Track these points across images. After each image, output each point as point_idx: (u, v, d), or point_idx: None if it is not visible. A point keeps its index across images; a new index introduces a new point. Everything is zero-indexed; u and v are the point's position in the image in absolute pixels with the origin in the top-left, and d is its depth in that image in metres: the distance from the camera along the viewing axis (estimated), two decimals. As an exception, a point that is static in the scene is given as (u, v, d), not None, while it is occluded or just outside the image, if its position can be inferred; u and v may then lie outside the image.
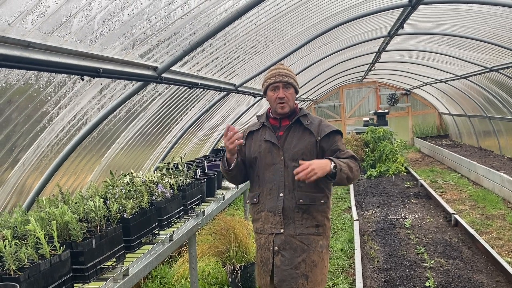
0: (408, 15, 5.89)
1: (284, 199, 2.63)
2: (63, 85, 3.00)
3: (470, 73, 9.88)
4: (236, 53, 5.10)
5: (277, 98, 2.66)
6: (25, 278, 1.99)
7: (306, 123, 2.69)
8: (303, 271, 2.61)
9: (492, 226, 6.23)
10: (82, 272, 2.39)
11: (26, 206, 3.51)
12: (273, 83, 2.67)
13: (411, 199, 8.20)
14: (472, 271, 4.69)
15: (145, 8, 2.77)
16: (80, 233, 2.40)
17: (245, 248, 4.69)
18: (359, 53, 9.57)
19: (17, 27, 2.03)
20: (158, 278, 4.99)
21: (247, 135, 2.84)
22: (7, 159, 3.05)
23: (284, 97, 2.65)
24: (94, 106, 3.59)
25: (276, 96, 2.66)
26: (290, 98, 2.68)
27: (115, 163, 4.75)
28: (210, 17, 3.54)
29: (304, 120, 2.70)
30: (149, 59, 3.47)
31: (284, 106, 2.67)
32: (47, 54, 2.27)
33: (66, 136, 3.54)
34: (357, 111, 17.77)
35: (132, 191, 3.22)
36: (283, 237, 2.63)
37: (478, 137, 12.97)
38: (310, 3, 4.65)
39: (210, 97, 6.14)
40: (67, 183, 4.05)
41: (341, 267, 5.17)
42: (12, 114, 2.76)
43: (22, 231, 2.42)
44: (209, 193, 4.65)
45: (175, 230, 3.40)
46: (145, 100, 4.43)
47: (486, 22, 6.27)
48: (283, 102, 2.66)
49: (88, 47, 2.65)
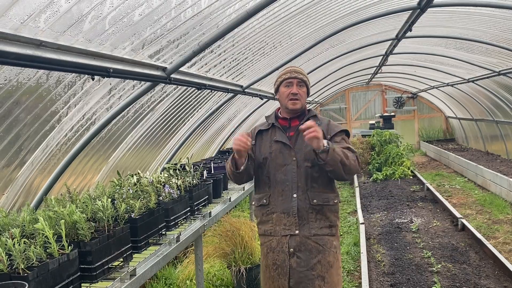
0: (417, 17, 5.87)
1: (298, 200, 2.62)
2: (73, 84, 3.01)
3: (477, 77, 9.83)
4: (244, 55, 5.11)
5: (290, 94, 2.65)
6: (33, 276, 1.99)
7: (316, 123, 2.68)
8: (319, 273, 2.60)
9: (500, 231, 6.18)
10: (90, 271, 2.38)
11: (34, 205, 3.51)
12: (288, 79, 2.69)
13: (417, 203, 8.16)
14: (480, 276, 4.65)
15: (155, 9, 2.77)
16: (88, 232, 2.40)
17: (250, 250, 4.67)
18: (366, 55, 9.54)
19: (29, 26, 2.04)
20: (163, 279, 4.98)
21: (256, 135, 2.81)
22: (16, 158, 3.06)
23: (297, 93, 2.66)
24: (103, 106, 3.60)
25: (289, 92, 2.66)
26: (302, 95, 2.69)
27: (122, 163, 4.75)
28: (220, 18, 3.55)
29: (314, 120, 2.70)
30: (158, 59, 3.48)
31: (296, 103, 2.67)
32: (59, 53, 2.27)
33: (75, 135, 3.55)
34: (363, 114, 17.72)
35: (139, 192, 3.21)
36: (299, 238, 2.61)
37: (485, 141, 12.89)
38: (319, 5, 4.65)
39: (217, 98, 6.14)
40: (75, 183, 4.05)
41: (347, 271, 5.14)
42: (22, 113, 2.77)
43: (30, 230, 2.42)
44: (215, 194, 4.65)
45: (181, 231, 3.39)
46: (153, 100, 4.44)
47: (495, 25, 6.23)
48: (296, 98, 2.66)
49: (98, 46, 2.66)
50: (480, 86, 10.40)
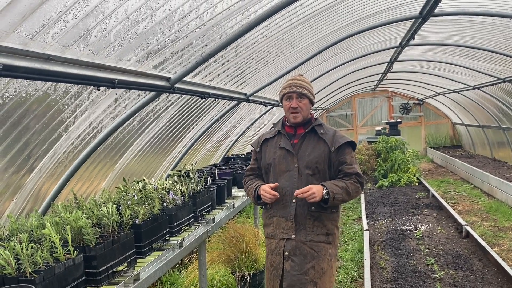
0: (419, 26, 5.93)
1: (297, 205, 2.70)
2: (79, 94, 3.12)
3: (483, 84, 9.82)
4: (247, 64, 5.20)
5: (290, 108, 2.74)
6: (40, 280, 2.07)
7: (321, 132, 2.76)
8: (312, 278, 2.66)
9: (505, 238, 6.17)
10: (95, 276, 2.45)
11: (41, 211, 3.62)
12: (287, 93, 2.77)
13: (422, 210, 8.16)
14: (483, 284, 4.66)
15: (159, 22, 2.87)
16: (93, 237, 2.48)
17: (254, 256, 4.73)
18: (371, 63, 9.60)
19: (38, 41, 2.14)
20: (168, 285, 5.04)
21: (262, 142, 2.93)
22: (25, 165, 3.17)
23: (297, 107, 2.73)
24: (109, 115, 3.70)
25: (289, 106, 2.75)
26: (303, 108, 2.75)
27: (128, 170, 4.85)
28: (222, 29, 3.64)
29: (319, 129, 2.77)
30: (162, 70, 3.58)
31: (297, 116, 2.75)
32: (66, 66, 2.37)
33: (82, 143, 3.65)
34: (369, 120, 17.72)
35: (144, 198, 3.30)
36: (294, 242, 2.69)
37: (492, 148, 12.82)
38: (321, 15, 4.73)
39: (221, 106, 6.24)
40: (81, 189, 4.15)
41: (350, 277, 5.17)
42: (30, 122, 2.87)
43: (38, 235, 2.51)
44: (219, 200, 4.71)
45: (185, 237, 3.46)
46: (158, 109, 4.54)
47: (498, 33, 6.27)
48: (296, 112, 2.74)
49: (104, 58, 2.76)
50: (486, 92, 10.38)
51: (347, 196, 2.67)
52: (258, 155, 2.94)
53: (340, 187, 2.65)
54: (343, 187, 2.66)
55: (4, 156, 2.87)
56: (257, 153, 2.95)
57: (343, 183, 2.68)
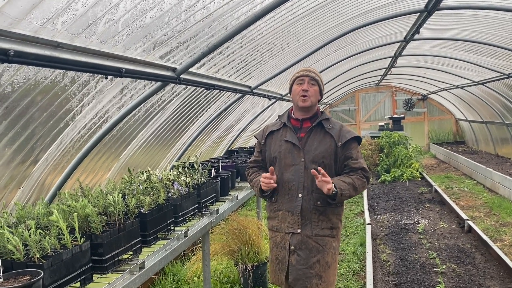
0: (424, 20, 5.91)
1: (303, 200, 2.70)
2: (87, 83, 3.13)
3: (487, 79, 9.79)
4: (252, 56, 5.20)
5: (301, 91, 2.72)
6: (48, 265, 2.10)
7: (327, 127, 2.75)
8: (317, 271, 2.68)
9: (507, 233, 6.18)
10: (101, 263, 2.48)
11: (47, 200, 3.64)
12: (300, 76, 2.77)
13: (424, 205, 8.17)
14: (484, 277, 4.68)
15: (166, 12, 2.88)
16: (99, 225, 2.51)
17: (257, 248, 4.75)
18: (375, 57, 9.57)
19: (48, 28, 2.16)
20: (171, 275, 5.08)
21: (267, 135, 2.90)
22: (31, 154, 3.19)
23: (308, 90, 2.72)
24: (115, 105, 3.71)
25: (300, 89, 2.73)
26: (313, 93, 2.75)
27: (132, 161, 4.87)
28: (228, 20, 3.64)
29: (326, 124, 2.76)
30: (168, 60, 3.58)
31: (306, 100, 2.72)
32: (74, 54, 2.39)
33: (88, 133, 3.67)
34: (372, 116, 17.69)
35: (149, 188, 3.32)
36: (300, 237, 2.70)
37: (495, 144, 12.80)
38: (327, 7, 4.72)
39: (225, 98, 6.24)
40: (87, 179, 4.18)
41: (352, 270, 5.20)
42: (38, 111, 2.89)
43: (44, 222, 2.54)
44: (223, 192, 4.74)
45: (189, 227, 3.49)
46: (163, 100, 4.55)
47: (503, 28, 6.24)
48: (306, 95, 2.72)
49: (111, 47, 2.77)
50: (490, 88, 10.35)
51: (354, 191, 2.68)
52: (263, 147, 2.93)
53: (347, 183, 2.65)
54: (350, 182, 2.66)
55: (12, 144, 2.89)
56: (262, 145, 2.94)
57: (349, 178, 2.69)
